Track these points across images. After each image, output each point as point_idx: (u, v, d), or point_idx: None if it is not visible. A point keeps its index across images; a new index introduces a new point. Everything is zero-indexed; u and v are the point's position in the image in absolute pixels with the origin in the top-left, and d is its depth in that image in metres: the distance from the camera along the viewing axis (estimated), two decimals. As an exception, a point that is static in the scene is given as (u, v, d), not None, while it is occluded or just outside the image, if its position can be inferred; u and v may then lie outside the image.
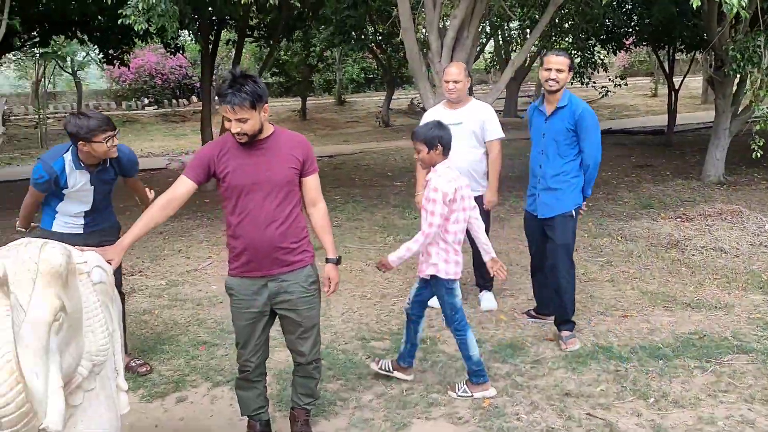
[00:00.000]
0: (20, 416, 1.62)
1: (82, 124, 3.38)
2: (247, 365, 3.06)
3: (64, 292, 1.96)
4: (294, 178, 2.89)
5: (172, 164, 12.88)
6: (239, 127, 2.71)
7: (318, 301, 3.05)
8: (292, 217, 2.90)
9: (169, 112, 20.87)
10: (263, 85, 2.79)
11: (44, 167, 3.53)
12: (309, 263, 2.98)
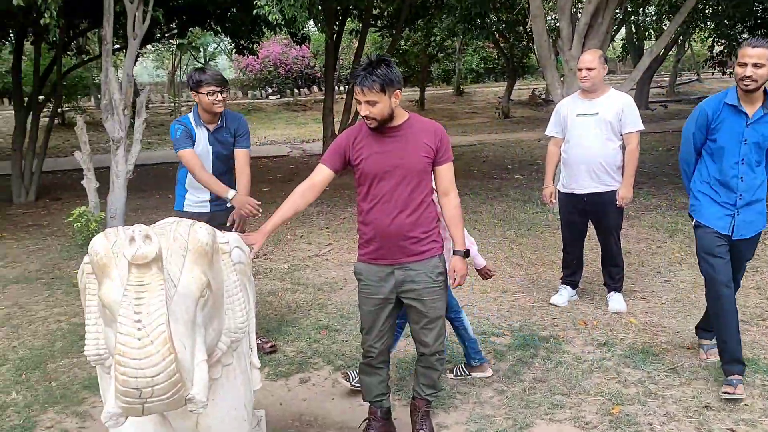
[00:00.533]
0: (171, 385, 1.69)
1: (195, 75, 3.82)
2: (371, 351, 3.07)
3: (209, 269, 2.03)
4: (426, 166, 2.85)
5: (293, 152, 13.30)
6: (368, 110, 2.71)
7: (444, 293, 3.00)
8: (423, 206, 2.86)
9: (291, 102, 21.61)
10: (397, 71, 2.77)
11: (176, 122, 3.94)
12: (438, 254, 2.94)
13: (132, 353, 1.64)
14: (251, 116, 19.51)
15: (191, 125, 3.89)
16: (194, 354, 1.87)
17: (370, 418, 3.18)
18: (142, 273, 1.75)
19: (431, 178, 2.92)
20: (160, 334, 1.66)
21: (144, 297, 1.71)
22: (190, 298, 1.91)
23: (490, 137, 14.99)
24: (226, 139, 3.94)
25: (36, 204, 9.44)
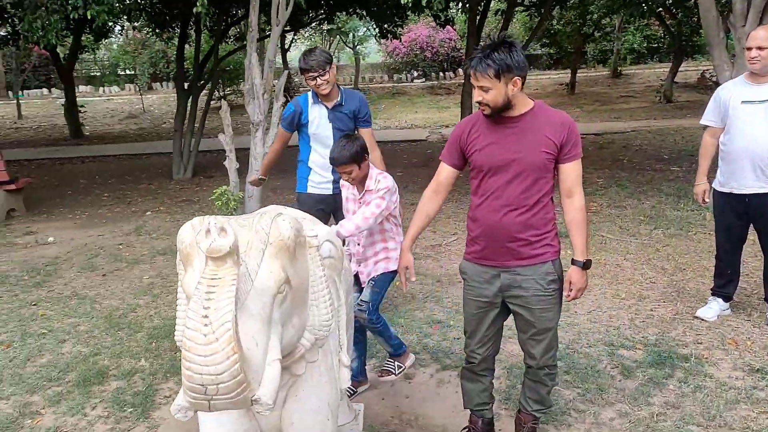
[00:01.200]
0: (235, 384, 1.63)
1: (301, 59, 3.83)
2: (473, 356, 2.87)
3: (290, 264, 1.95)
4: (547, 163, 2.56)
5: (431, 136, 13.17)
6: (481, 96, 2.50)
7: (557, 304, 2.71)
8: (538, 206, 2.60)
9: (435, 85, 21.48)
10: (519, 56, 2.48)
11: (293, 102, 3.97)
12: (551, 259, 2.65)
13: (197, 349, 1.59)
14: (394, 99, 19.68)
15: (306, 104, 3.94)
16: (267, 352, 1.80)
17: (470, 427, 2.99)
18: (216, 266, 1.70)
19: (552, 177, 2.62)
20: (225, 332, 1.60)
21: (214, 292, 1.66)
22: (266, 293, 1.84)
23: (647, 124, 13.83)
24: (344, 116, 3.94)
25: (191, 181, 10.17)
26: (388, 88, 22.07)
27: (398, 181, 9.79)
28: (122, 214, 7.89)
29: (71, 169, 11.55)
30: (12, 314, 4.59)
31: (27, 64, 22.11)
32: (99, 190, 9.49)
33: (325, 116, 3.91)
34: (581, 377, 3.50)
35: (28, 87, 24.15)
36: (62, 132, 16.28)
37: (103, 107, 21.13)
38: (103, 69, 26.57)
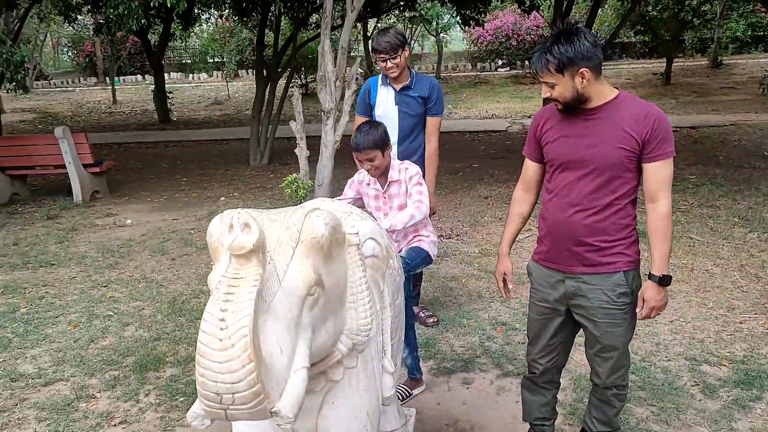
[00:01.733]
0: (252, 395, 1.50)
1: (374, 38, 3.74)
2: (534, 366, 2.66)
3: (323, 265, 1.80)
4: (624, 161, 2.27)
5: (512, 127, 12.75)
6: (548, 92, 2.30)
7: (628, 321, 2.42)
8: (611, 209, 2.33)
9: (519, 74, 20.83)
10: (584, 45, 2.20)
11: (364, 84, 3.95)
12: (623, 270, 2.36)
13: (212, 355, 1.48)
14: (476, 89, 19.24)
15: (376, 85, 3.86)
16: (292, 359, 1.67)
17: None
18: (239, 265, 1.58)
19: (633, 177, 2.32)
20: (241, 337, 1.47)
21: (234, 293, 1.53)
22: (294, 295, 1.70)
23: (748, 117, 12.81)
24: (412, 100, 3.80)
25: (267, 167, 10.27)
26: (470, 77, 21.62)
27: (474, 172, 9.55)
28: (198, 199, 8.05)
29: (156, 153, 11.96)
30: (83, 295, 4.72)
31: (123, 51, 23.21)
32: (179, 175, 9.75)
33: (392, 98, 3.79)
34: (657, 394, 3.19)
35: (123, 73, 25.36)
36: (152, 117, 16.94)
37: (191, 93, 21.86)
38: (193, 56, 27.52)
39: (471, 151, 10.70)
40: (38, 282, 5.00)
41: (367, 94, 3.88)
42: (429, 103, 3.82)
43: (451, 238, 5.87)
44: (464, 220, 6.45)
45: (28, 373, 3.54)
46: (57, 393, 3.32)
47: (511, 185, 7.91)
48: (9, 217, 7.19)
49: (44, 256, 5.63)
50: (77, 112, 18.47)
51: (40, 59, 28.24)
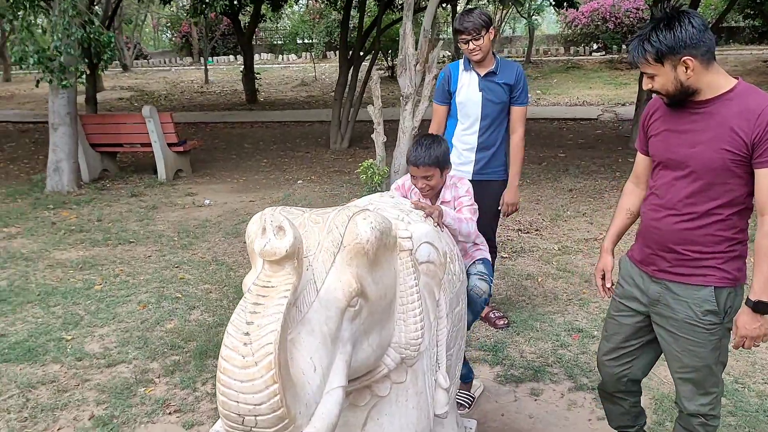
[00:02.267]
0: (276, 420, 1.36)
1: (457, 18, 3.50)
2: (603, 369, 2.47)
3: (368, 273, 1.63)
4: (729, 164, 2.00)
5: (603, 115, 12.09)
6: (649, 83, 2.08)
7: (715, 344, 2.14)
8: (708, 218, 2.07)
9: (615, 59, 19.75)
10: (689, 30, 1.94)
11: (443, 70, 3.69)
12: (714, 285, 2.09)
13: (234, 373, 1.34)
14: (568, 74, 18.42)
15: (457, 70, 3.61)
16: (326, 377, 1.51)
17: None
18: (272, 271, 1.44)
19: (743, 184, 2.03)
20: (265, 355, 1.33)
21: (262, 304, 1.39)
22: (333, 306, 1.54)
23: None
24: (497, 87, 3.55)
25: (346, 151, 10.21)
26: (562, 61, 20.75)
27: (559, 162, 9.11)
28: (276, 181, 8.09)
29: (240, 133, 12.17)
30: (155, 274, 4.79)
31: (217, 31, 23.87)
32: (260, 156, 9.85)
33: (476, 84, 3.54)
34: (749, 422, 2.86)
35: (217, 53, 26.13)
36: (240, 97, 17.29)
37: (279, 74, 22.21)
38: (284, 37, 27.94)
39: (558, 140, 10.22)
40: (115, 259, 5.13)
41: (446, 80, 3.63)
42: (515, 92, 3.56)
43: (529, 232, 5.57)
44: (545, 213, 6.11)
45: (94, 352, 3.59)
46: (118, 375, 3.35)
47: (599, 178, 7.48)
48: (97, 193, 7.48)
49: (124, 234, 5.78)
50: (171, 91, 19.15)
51: (140, 39, 29.57)
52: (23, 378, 3.30)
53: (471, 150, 3.59)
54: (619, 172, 7.70)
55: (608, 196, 6.71)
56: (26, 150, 10.60)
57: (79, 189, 7.60)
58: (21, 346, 3.64)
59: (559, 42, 24.00)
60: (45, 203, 6.96)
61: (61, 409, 3.05)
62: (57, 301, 4.29)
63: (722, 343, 2.16)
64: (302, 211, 1.71)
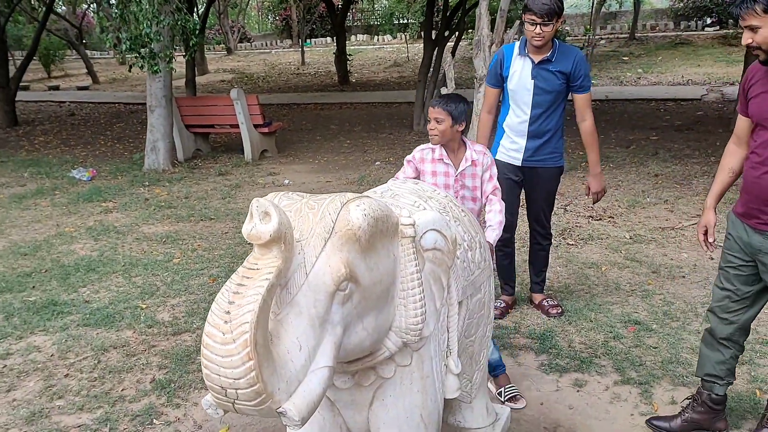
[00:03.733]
0: (254, 394, 1.45)
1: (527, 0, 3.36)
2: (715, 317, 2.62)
3: (361, 259, 1.68)
4: None
5: (708, 95, 11.32)
6: (750, 37, 2.21)
7: None
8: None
9: (730, 34, 18.33)
10: None
11: (498, 52, 3.63)
12: None
13: (215, 348, 1.45)
14: (675, 50, 17.34)
15: (511, 55, 3.51)
16: (313, 357, 1.58)
17: (694, 396, 2.74)
18: (260, 254, 1.54)
19: None
20: (242, 334, 1.42)
21: (245, 284, 1.49)
22: (321, 290, 1.61)
23: None
24: (551, 75, 3.42)
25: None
26: (670, 37, 19.53)
27: (648, 145, 8.72)
28: (355, 163, 8.25)
29: (329, 114, 12.45)
30: (228, 250, 5.07)
31: (314, 14, 24.36)
32: (344, 137, 10.06)
33: (528, 71, 3.43)
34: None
35: (315, 36, 26.69)
36: (333, 79, 17.65)
37: (374, 55, 22.41)
38: (380, 18, 28.07)
39: (652, 122, 9.71)
40: (195, 235, 5.47)
41: (499, 64, 3.53)
42: (574, 81, 3.42)
43: (601, 219, 5.38)
44: (622, 199, 5.87)
45: (164, 321, 3.88)
46: (182, 343, 3.61)
47: (691, 162, 7.07)
48: (189, 172, 7.95)
49: (207, 211, 6.13)
50: (269, 73, 19.84)
51: (245, 22, 30.70)
52: (98, 341, 3.63)
53: (522, 136, 3.52)
54: (714, 157, 7.22)
55: (697, 182, 6.33)
56: (133, 130, 11.40)
57: (173, 168, 8.11)
58: (101, 312, 3.99)
59: (669, 16, 22.58)
60: (141, 180, 7.50)
61: (127, 371, 3.33)
62: (139, 272, 4.65)
63: None
64: (301, 197, 1.78)
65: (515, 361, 3.34)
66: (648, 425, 2.78)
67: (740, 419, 2.79)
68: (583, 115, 3.51)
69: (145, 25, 6.44)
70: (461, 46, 11.89)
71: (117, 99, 15.73)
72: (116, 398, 3.09)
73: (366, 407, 2.02)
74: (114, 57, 24.47)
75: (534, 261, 3.87)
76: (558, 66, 3.40)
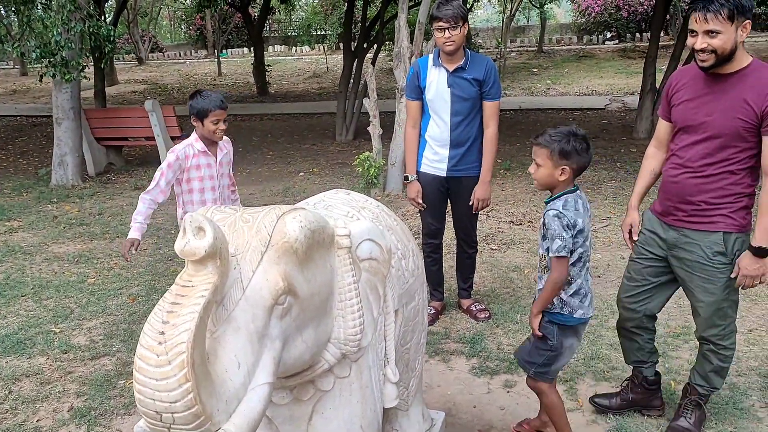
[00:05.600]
0: (192, 417, 1.40)
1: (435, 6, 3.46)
2: (623, 307, 2.82)
3: (298, 271, 1.66)
4: (742, 132, 2.36)
5: (611, 105, 11.96)
6: (705, 42, 2.30)
7: (724, 282, 2.52)
8: (721, 176, 2.45)
9: (628, 48, 19.47)
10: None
11: (413, 65, 3.76)
12: (723, 231, 2.48)
13: (149, 371, 1.39)
14: (580, 63, 18.22)
15: (426, 66, 3.60)
16: (251, 374, 1.54)
17: (630, 379, 2.95)
18: (195, 271, 1.48)
19: (750, 148, 2.39)
20: (178, 355, 1.37)
21: (180, 303, 1.43)
22: (258, 305, 1.57)
23: None
24: (465, 83, 3.52)
25: (351, 143, 10.23)
26: (574, 50, 20.50)
27: (558, 154, 8.97)
28: (279, 174, 8.15)
29: (249, 126, 12.25)
30: (148, 267, 4.88)
31: (230, 24, 23.95)
32: (266, 148, 9.92)
33: (444, 79, 3.52)
34: (717, 414, 2.87)
35: (231, 46, 26.23)
36: (252, 90, 17.38)
37: (292, 66, 22.26)
38: (298, 29, 27.95)
39: (562, 130, 10.13)
40: (111, 252, 5.23)
41: (416, 76, 3.61)
42: (485, 87, 3.54)
43: (521, 224, 5.56)
44: (539, 205, 6.08)
45: (80, 345, 3.68)
46: (101, 368, 3.43)
47: (599, 168, 7.43)
48: (101, 187, 7.60)
49: (123, 227, 5.88)
50: (184, 84, 19.28)
51: (156, 32, 29.76)
52: (9, 370, 3.40)
53: (444, 146, 3.59)
54: (620, 163, 7.63)
55: (606, 186, 6.66)
56: (36, 144, 10.78)
57: (83, 183, 7.73)
58: (10, 338, 3.74)
59: (572, 31, 23.72)
60: (49, 197, 7.10)
61: (42, 401, 3.13)
62: (50, 295, 4.40)
63: (730, 282, 2.50)
64: (234, 210, 1.74)
65: (447, 366, 3.39)
66: (591, 402, 2.97)
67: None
68: (488, 122, 3.60)
69: (55, 32, 6.12)
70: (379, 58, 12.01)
71: (18, 111, 14.83)
72: (31, 430, 2.90)
73: (305, 422, 1.99)
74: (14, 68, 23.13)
75: (461, 268, 3.95)
76: (471, 73, 3.51)
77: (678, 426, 2.71)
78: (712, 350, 2.64)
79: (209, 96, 3.15)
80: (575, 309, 2.46)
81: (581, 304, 2.47)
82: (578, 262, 2.42)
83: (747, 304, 3.90)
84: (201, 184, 3.24)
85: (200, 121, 3.17)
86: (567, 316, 2.47)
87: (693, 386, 2.75)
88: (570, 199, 2.41)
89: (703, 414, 2.75)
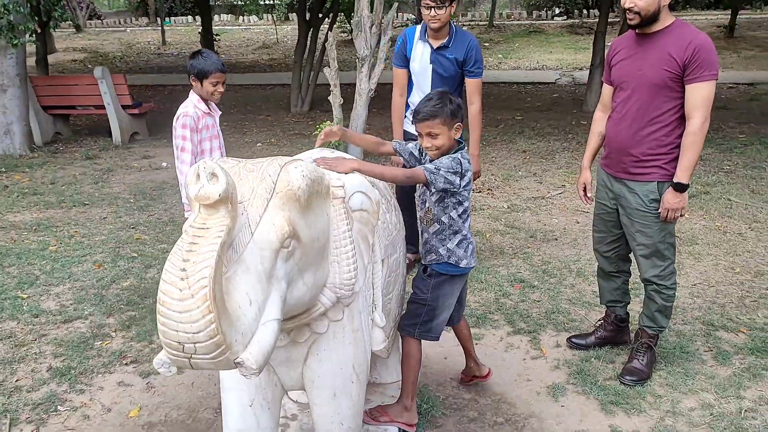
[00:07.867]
0: (214, 346, 1.49)
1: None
2: (599, 255, 3.12)
3: (301, 217, 1.76)
4: (667, 82, 2.63)
5: (561, 79, 12.29)
6: (633, 2, 2.59)
7: (660, 225, 2.78)
8: (655, 125, 2.70)
9: (576, 24, 19.92)
10: None
11: (401, 35, 3.83)
12: (657, 180, 2.74)
13: (172, 304, 1.47)
14: (530, 38, 18.54)
15: (413, 37, 3.70)
16: (262, 311, 1.64)
17: (603, 319, 3.23)
18: (207, 214, 1.56)
19: (677, 97, 2.64)
20: (201, 288, 1.45)
21: (197, 243, 1.51)
22: (266, 247, 1.67)
23: (817, 74, 12.01)
24: (447, 61, 3.62)
25: (307, 114, 10.22)
26: (525, 26, 20.79)
27: (515, 125, 9.31)
28: (236, 145, 8.10)
29: (199, 97, 12.02)
30: (111, 235, 4.84)
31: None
32: (221, 119, 9.78)
33: (428, 56, 3.63)
34: (667, 358, 3.11)
35: (174, 14, 25.41)
36: (199, 60, 16.99)
37: (240, 36, 21.81)
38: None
39: (516, 103, 10.41)
40: (70, 221, 5.15)
41: (403, 45, 3.72)
42: (467, 65, 3.65)
43: (481, 192, 5.75)
44: (498, 174, 6.30)
45: (50, 309, 3.66)
46: (75, 330, 3.44)
47: (552, 139, 7.70)
48: (50, 156, 7.40)
49: (79, 196, 5.78)
50: (127, 53, 18.69)
51: (94, -1, 28.55)
52: (-21, 334, 3.37)
53: None
54: (572, 134, 7.92)
55: (559, 157, 6.93)
56: (-24, 113, 10.32)
57: (31, 152, 7.51)
58: (-24, 304, 3.69)
59: (522, 6, 24.03)
60: (-3, 167, 6.88)
61: (19, 362, 3.13)
62: (11, 262, 4.32)
63: (665, 226, 2.79)
64: (238, 161, 1.82)
65: (417, 322, 3.54)
66: (568, 342, 3.24)
67: (616, 356, 3.17)
68: (472, 99, 3.73)
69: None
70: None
71: (-49, 80, 14.11)
72: (11, 389, 2.91)
73: (301, 363, 2.11)
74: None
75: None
76: (453, 53, 3.61)
77: (631, 367, 2.95)
78: (656, 290, 2.89)
79: (210, 57, 3.17)
80: (461, 259, 2.47)
81: (465, 254, 2.48)
82: (464, 213, 2.45)
83: (691, 261, 4.21)
84: (210, 144, 3.29)
85: (200, 81, 3.18)
86: (453, 266, 2.48)
87: (642, 329, 2.99)
88: (464, 154, 2.37)
89: (654, 356, 2.99)
